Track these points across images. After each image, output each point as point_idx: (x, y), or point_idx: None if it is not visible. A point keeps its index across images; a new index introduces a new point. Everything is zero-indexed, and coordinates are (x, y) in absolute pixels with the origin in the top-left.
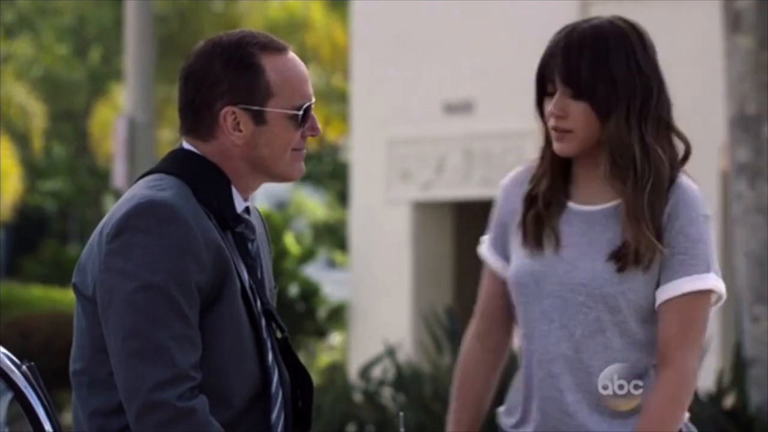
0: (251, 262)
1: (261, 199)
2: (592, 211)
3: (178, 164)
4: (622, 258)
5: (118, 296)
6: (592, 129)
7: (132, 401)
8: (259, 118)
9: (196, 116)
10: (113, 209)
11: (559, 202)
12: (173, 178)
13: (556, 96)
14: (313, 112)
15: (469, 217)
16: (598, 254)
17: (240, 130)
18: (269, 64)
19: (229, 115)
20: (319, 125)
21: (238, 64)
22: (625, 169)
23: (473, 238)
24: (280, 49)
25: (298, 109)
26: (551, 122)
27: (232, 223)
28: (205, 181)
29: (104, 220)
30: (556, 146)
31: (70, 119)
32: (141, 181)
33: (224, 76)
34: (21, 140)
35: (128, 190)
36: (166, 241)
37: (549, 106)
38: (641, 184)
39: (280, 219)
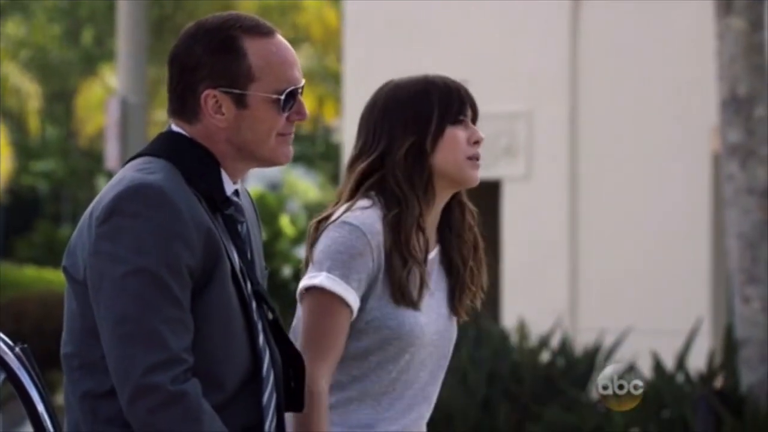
0: (241, 244)
1: (254, 180)
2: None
3: (166, 147)
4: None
5: (108, 280)
6: None
7: (124, 385)
8: (240, 102)
9: (181, 99)
10: (102, 192)
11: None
12: (162, 161)
13: (474, 125)
14: (300, 96)
15: None
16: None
17: (222, 113)
18: (252, 47)
19: (210, 98)
20: (308, 108)
21: (219, 47)
22: None
23: None
24: (266, 33)
25: (281, 94)
26: (475, 149)
27: (221, 205)
28: (193, 163)
29: (94, 203)
30: (475, 175)
31: (63, 100)
32: (130, 164)
33: (206, 59)
34: (13, 120)
35: (117, 173)
36: (155, 225)
37: (467, 133)
38: None
39: (275, 201)
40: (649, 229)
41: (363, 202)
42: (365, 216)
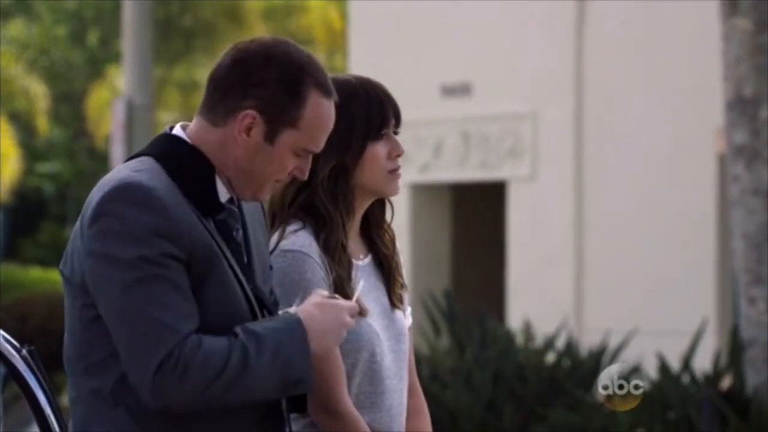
0: (236, 247)
1: None
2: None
3: (160, 149)
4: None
5: (102, 280)
6: None
7: (141, 387)
8: (270, 137)
9: (224, 98)
10: (92, 193)
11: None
12: (152, 161)
13: (395, 135)
14: (307, 157)
15: (467, 200)
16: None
17: (249, 136)
18: (312, 101)
19: (249, 117)
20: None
21: (290, 84)
22: None
23: (471, 220)
24: (328, 94)
25: (306, 152)
26: (395, 163)
27: (211, 210)
28: (186, 166)
29: (85, 204)
30: (396, 186)
31: (69, 102)
32: (121, 165)
33: (272, 86)
34: (21, 122)
35: (108, 173)
36: (140, 223)
37: (388, 147)
38: None
39: None
40: (655, 230)
41: (292, 226)
42: (300, 239)
